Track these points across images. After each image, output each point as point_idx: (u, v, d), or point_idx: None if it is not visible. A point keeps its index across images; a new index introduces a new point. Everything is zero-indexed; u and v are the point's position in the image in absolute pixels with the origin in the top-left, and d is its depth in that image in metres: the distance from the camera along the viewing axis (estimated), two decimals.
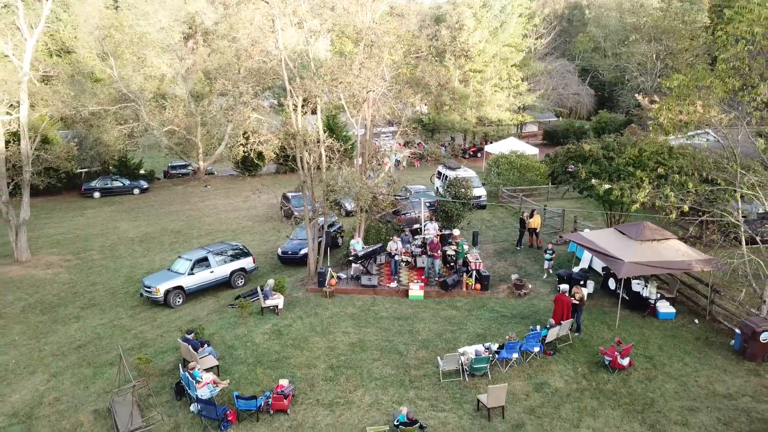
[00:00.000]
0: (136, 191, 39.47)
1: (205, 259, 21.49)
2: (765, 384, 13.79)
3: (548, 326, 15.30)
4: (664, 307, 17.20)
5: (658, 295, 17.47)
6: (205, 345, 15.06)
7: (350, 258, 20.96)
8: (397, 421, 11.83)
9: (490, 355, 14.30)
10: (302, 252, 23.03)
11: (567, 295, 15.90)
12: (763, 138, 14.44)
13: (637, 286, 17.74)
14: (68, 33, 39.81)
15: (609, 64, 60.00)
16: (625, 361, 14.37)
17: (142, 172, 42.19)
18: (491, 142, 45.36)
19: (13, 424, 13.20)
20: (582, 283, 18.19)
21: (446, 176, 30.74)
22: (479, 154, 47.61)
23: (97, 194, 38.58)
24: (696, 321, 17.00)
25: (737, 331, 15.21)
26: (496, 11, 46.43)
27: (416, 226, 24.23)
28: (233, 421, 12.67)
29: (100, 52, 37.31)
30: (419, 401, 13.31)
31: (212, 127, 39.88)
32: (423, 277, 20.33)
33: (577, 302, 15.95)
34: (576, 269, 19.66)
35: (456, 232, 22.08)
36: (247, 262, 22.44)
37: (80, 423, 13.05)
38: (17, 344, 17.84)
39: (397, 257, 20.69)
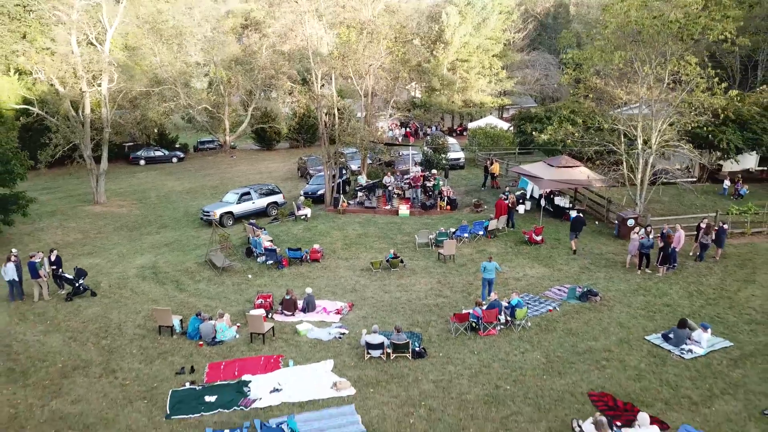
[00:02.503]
0: (175, 160, 47.07)
1: (248, 193, 28.98)
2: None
3: (489, 219, 22.88)
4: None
5: (571, 205, 25.05)
6: (263, 229, 22.65)
7: (356, 188, 28.53)
8: (387, 258, 19.38)
9: (449, 232, 21.88)
10: (319, 192, 30.54)
11: (504, 200, 23.47)
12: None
13: (558, 200, 25.33)
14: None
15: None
16: (539, 238, 21.90)
17: (177, 145, 49.79)
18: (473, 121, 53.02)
19: (145, 269, 20.79)
20: (521, 201, 25.76)
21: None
22: (465, 133, 55.23)
23: (142, 162, 46.22)
24: (596, 222, 24.56)
25: (616, 221, 22.79)
26: (478, 9, 53.86)
27: (407, 177, 31.81)
28: (286, 265, 20.22)
29: (148, 42, 44.62)
30: (402, 257, 20.84)
31: (238, 107, 47.39)
32: (410, 203, 27.92)
33: (510, 206, 23.52)
34: (518, 193, 27.24)
35: (434, 171, 29.64)
36: (278, 198, 29.88)
37: (189, 267, 20.65)
38: (122, 243, 25.35)
39: (390, 188, 28.25)
